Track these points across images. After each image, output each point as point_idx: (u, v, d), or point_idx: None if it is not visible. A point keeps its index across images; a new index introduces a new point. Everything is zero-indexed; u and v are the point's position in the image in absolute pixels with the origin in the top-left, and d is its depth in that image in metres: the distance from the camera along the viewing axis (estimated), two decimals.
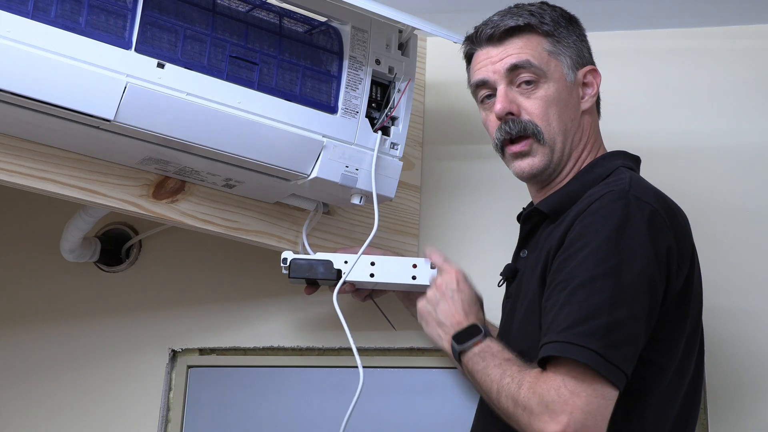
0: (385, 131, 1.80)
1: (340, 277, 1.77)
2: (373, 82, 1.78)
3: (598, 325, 1.36)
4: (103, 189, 1.73)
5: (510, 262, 1.72)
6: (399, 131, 1.81)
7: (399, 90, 1.80)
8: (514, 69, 1.61)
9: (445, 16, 1.80)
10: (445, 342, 1.60)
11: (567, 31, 1.65)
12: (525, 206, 1.75)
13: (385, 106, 1.80)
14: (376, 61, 1.78)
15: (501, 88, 1.62)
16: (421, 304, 1.67)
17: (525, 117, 1.61)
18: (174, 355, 2.11)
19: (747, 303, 1.95)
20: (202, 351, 2.12)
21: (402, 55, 1.81)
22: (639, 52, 2.13)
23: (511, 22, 1.63)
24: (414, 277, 1.76)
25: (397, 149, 1.81)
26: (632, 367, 1.39)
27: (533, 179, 1.65)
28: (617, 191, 1.47)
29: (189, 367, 2.10)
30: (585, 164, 1.63)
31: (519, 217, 1.74)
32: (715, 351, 1.91)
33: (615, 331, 1.36)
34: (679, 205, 1.56)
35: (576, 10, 1.71)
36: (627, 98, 2.10)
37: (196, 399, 2.08)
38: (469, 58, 1.71)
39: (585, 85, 1.66)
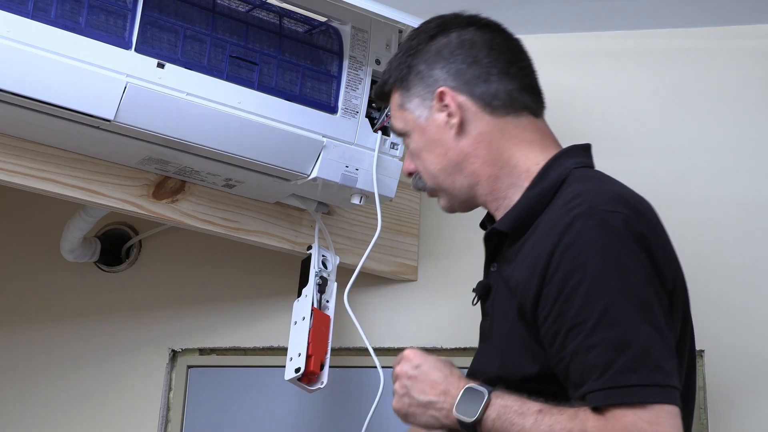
0: (385, 131, 1.80)
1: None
2: (373, 82, 1.78)
3: (632, 356, 1.30)
4: (103, 189, 1.73)
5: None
6: None
7: None
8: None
9: None
10: (445, 418, 1.39)
11: (412, 65, 1.52)
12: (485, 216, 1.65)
13: (385, 107, 1.80)
14: (376, 61, 1.78)
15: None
16: (396, 404, 1.43)
17: None
18: (174, 355, 2.11)
19: (746, 303, 1.94)
20: (202, 351, 2.12)
21: None
22: (639, 52, 2.13)
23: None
24: (291, 359, 1.78)
25: (397, 149, 1.81)
26: (681, 377, 1.34)
27: (462, 212, 1.61)
28: (584, 212, 1.37)
29: (189, 367, 2.10)
30: (526, 172, 1.50)
31: (482, 225, 1.64)
32: (715, 351, 1.91)
33: (649, 354, 1.31)
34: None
35: (576, 10, 1.71)
36: (627, 98, 2.10)
37: (196, 399, 2.08)
38: None
39: (444, 109, 1.49)
